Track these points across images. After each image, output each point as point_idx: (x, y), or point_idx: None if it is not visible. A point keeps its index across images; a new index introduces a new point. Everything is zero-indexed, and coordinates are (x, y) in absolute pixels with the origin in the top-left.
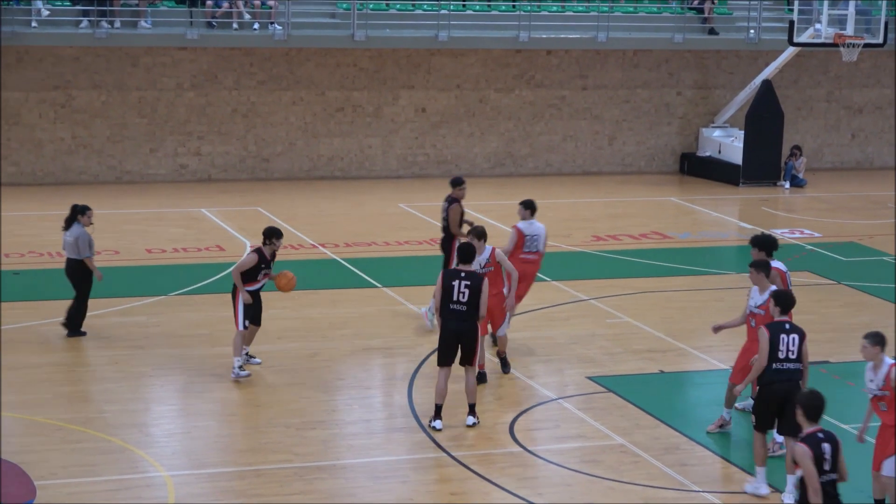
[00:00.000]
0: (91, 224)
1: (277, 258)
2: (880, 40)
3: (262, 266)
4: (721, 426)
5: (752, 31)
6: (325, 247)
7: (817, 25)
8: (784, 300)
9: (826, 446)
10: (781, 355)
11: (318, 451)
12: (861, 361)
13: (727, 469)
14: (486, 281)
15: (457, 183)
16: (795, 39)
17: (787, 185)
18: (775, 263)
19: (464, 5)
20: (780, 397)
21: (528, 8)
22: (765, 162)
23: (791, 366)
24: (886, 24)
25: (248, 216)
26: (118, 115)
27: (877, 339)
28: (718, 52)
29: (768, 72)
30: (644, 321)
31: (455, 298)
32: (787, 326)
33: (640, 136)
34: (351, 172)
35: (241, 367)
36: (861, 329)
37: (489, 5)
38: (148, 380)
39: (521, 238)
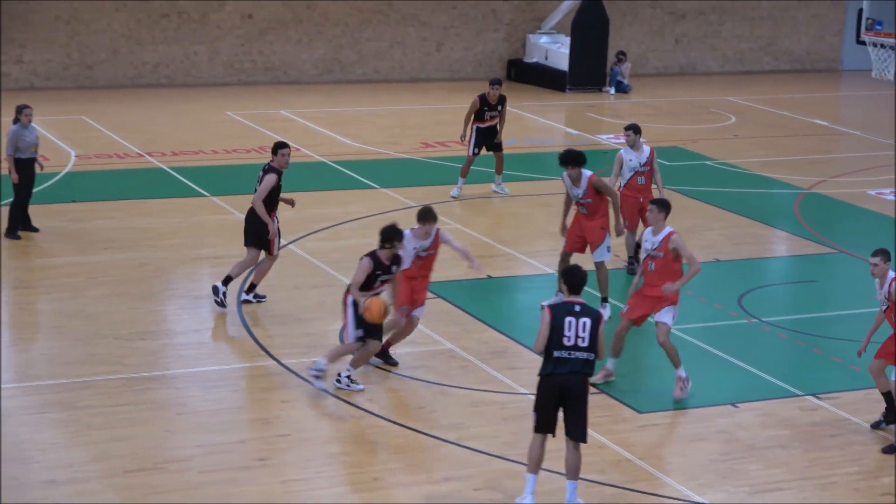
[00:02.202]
0: (30, 122)
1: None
2: None
3: (379, 273)
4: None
5: None
6: (151, 156)
7: None
8: (571, 278)
9: (570, 320)
10: (568, 342)
11: (148, 362)
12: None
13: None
14: None
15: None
16: None
17: (613, 90)
18: (587, 172)
19: None
20: (561, 392)
21: None
22: (590, 68)
23: (580, 355)
24: None
25: (73, 125)
26: None
27: (887, 257)
28: None
29: None
30: (472, 227)
31: None
32: (578, 308)
33: (467, 42)
34: (177, 80)
35: (350, 379)
36: (685, 233)
37: None
38: None
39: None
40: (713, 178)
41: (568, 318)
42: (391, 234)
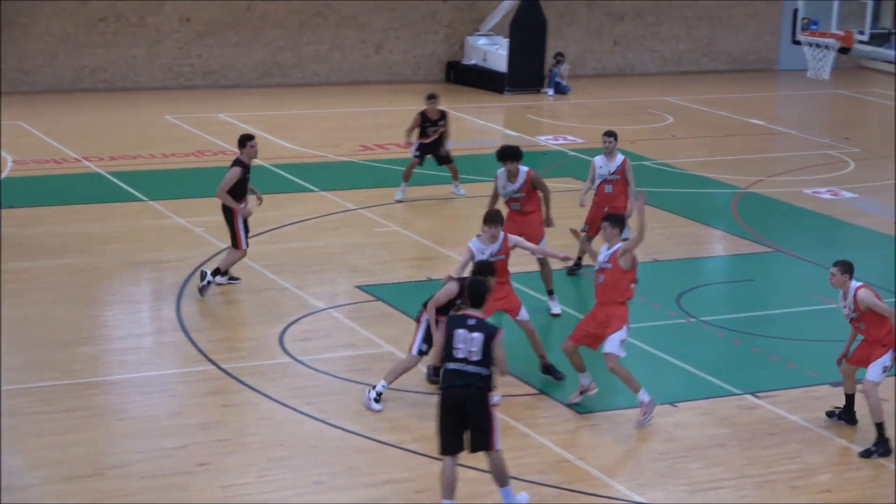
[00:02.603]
0: None
1: None
2: None
3: (459, 302)
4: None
5: None
6: (89, 160)
7: None
8: (472, 290)
9: (462, 332)
10: (459, 354)
11: (88, 368)
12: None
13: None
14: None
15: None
16: None
17: (551, 91)
18: (524, 167)
19: None
20: (457, 405)
21: None
22: (529, 69)
23: (471, 368)
24: None
25: (10, 131)
26: None
27: (846, 268)
28: None
29: None
30: (412, 229)
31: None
32: (472, 322)
33: (406, 44)
34: (115, 84)
35: (377, 398)
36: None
37: None
38: None
39: None
40: (651, 178)
41: (460, 331)
42: (482, 271)
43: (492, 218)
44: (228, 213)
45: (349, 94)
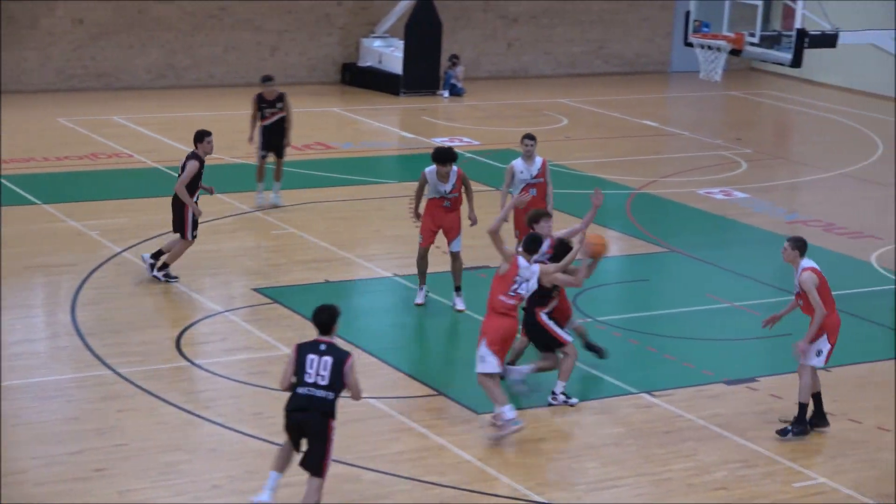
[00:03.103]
0: None
1: None
2: None
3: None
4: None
5: None
6: None
7: None
8: (317, 318)
9: (314, 358)
10: (309, 378)
11: None
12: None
13: (393, 374)
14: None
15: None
16: None
17: (447, 93)
18: (455, 168)
19: None
20: (299, 428)
21: None
22: (424, 71)
23: (319, 393)
24: None
25: None
26: None
27: (795, 244)
28: None
29: None
30: (309, 232)
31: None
32: (322, 347)
33: (301, 46)
34: (7, 86)
35: (565, 395)
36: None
37: None
38: None
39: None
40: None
41: (310, 356)
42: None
43: (536, 217)
44: (179, 205)
45: (245, 96)
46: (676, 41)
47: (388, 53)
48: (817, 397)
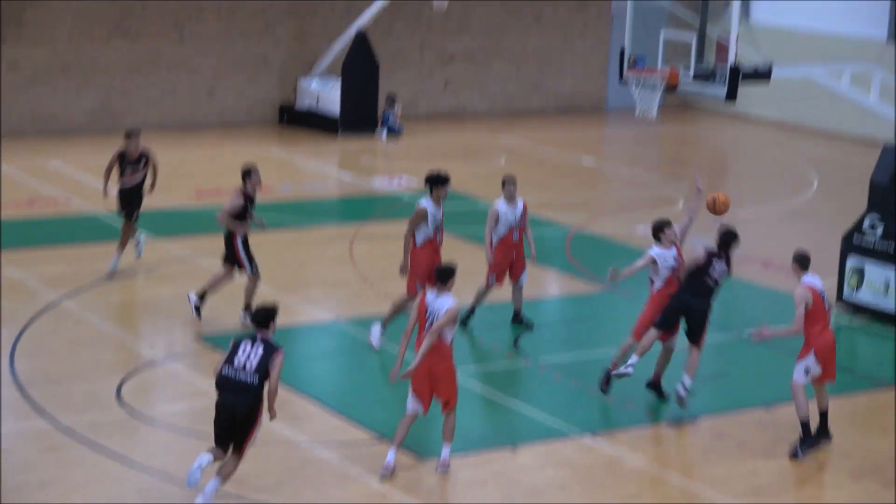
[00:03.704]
0: None
1: None
2: None
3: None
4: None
5: None
6: None
7: None
8: (256, 316)
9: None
10: (237, 363)
11: None
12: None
13: (335, 420)
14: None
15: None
16: None
17: (385, 133)
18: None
19: None
20: (226, 410)
21: None
22: (362, 111)
23: (244, 378)
24: None
25: None
26: None
27: (795, 258)
28: (313, 3)
29: (362, 21)
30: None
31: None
32: (256, 338)
33: (238, 88)
34: None
35: (685, 387)
36: (462, 276)
37: None
38: None
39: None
40: (485, 219)
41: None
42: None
43: (661, 226)
44: (230, 245)
45: (182, 139)
46: (612, 78)
47: (326, 94)
48: (823, 415)
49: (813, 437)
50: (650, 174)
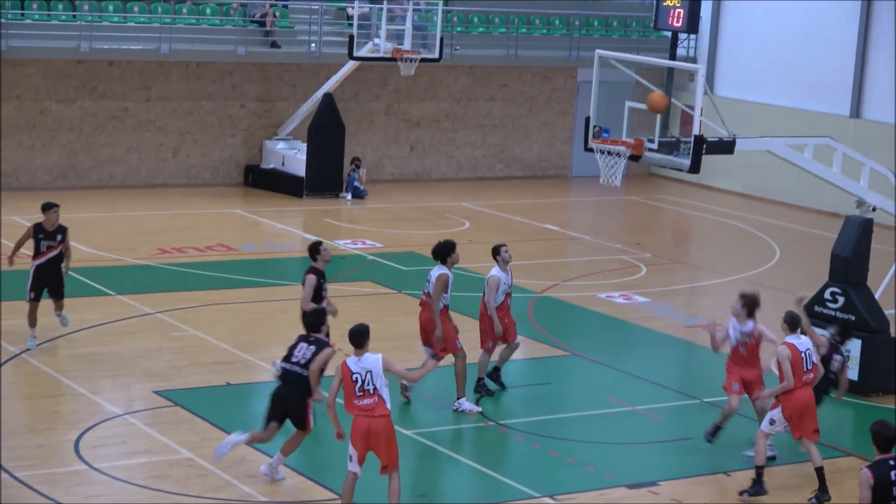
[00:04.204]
0: None
1: None
2: (436, 55)
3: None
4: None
5: (313, 44)
6: None
7: (376, 40)
8: (307, 322)
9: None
10: (294, 359)
11: None
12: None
13: (294, 479)
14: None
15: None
16: (355, 53)
17: (349, 196)
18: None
19: (22, 14)
20: (276, 398)
21: (90, 18)
22: (327, 174)
23: (298, 370)
24: (442, 39)
25: None
26: None
27: (785, 319)
28: (281, 65)
29: (329, 85)
30: (210, 333)
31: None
32: (311, 339)
33: (204, 148)
34: None
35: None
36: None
37: (49, 14)
38: None
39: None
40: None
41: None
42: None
43: (752, 301)
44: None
45: (146, 197)
46: (577, 146)
47: (292, 156)
48: (818, 472)
49: (762, 485)
50: (613, 241)
